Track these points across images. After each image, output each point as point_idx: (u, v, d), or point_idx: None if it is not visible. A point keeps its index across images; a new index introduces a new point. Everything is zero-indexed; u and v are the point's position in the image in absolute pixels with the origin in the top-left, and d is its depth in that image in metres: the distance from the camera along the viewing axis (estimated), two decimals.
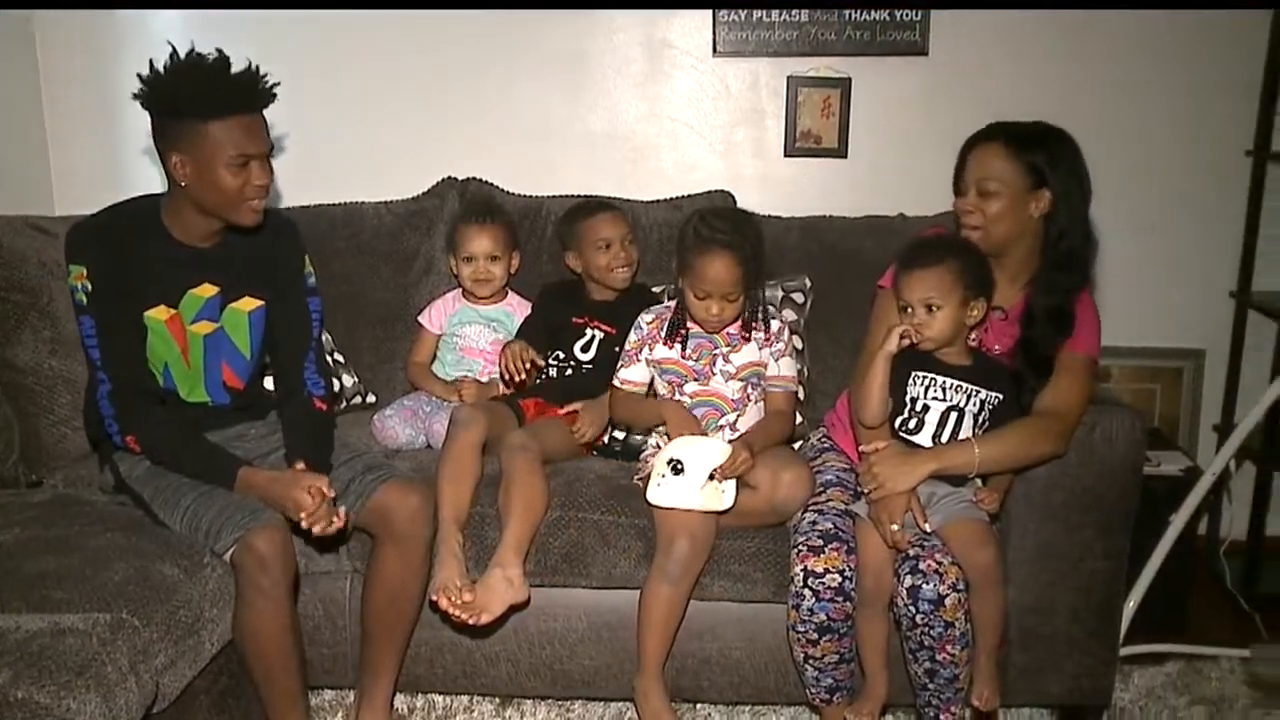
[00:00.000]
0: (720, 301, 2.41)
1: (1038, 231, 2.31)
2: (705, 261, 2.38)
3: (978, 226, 2.30)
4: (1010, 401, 2.28)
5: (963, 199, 2.32)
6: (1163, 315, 3.35)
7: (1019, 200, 2.27)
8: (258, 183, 2.20)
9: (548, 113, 3.26)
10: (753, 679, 2.49)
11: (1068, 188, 2.27)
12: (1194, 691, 2.75)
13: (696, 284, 2.41)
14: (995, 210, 2.28)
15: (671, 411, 2.45)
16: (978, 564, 2.18)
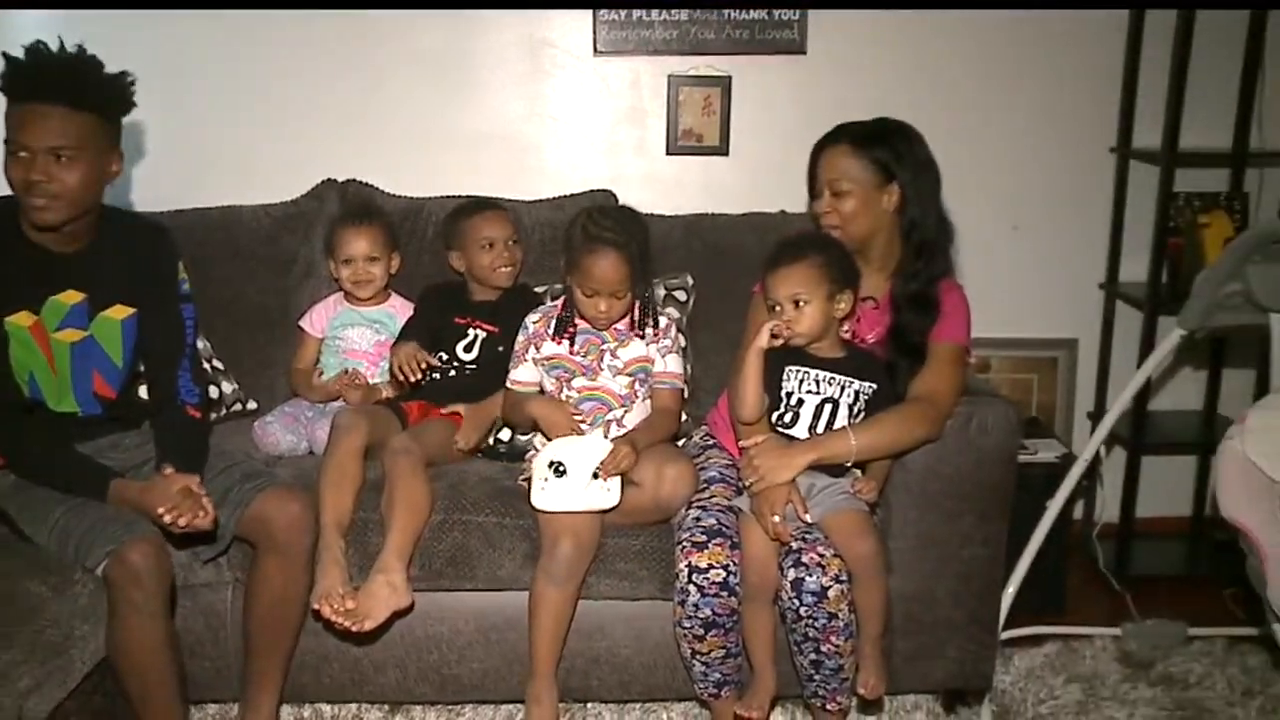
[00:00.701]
0: (608, 299, 2.41)
1: (894, 223, 2.39)
2: (593, 259, 2.38)
3: (836, 226, 2.38)
4: (884, 391, 2.32)
5: (818, 201, 2.41)
6: (1037, 307, 3.44)
7: (871, 196, 2.36)
8: (35, 177, 2.08)
9: (429, 113, 3.22)
10: (642, 676, 2.49)
11: (915, 179, 2.36)
12: (1070, 670, 2.83)
13: (584, 281, 2.40)
14: (850, 209, 2.36)
15: (542, 409, 2.45)
16: (859, 554, 2.20)
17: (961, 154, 2.62)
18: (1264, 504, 2.20)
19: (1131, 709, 2.66)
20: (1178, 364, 3.51)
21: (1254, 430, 2.29)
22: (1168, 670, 2.83)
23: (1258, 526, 2.15)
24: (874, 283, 2.44)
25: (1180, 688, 2.76)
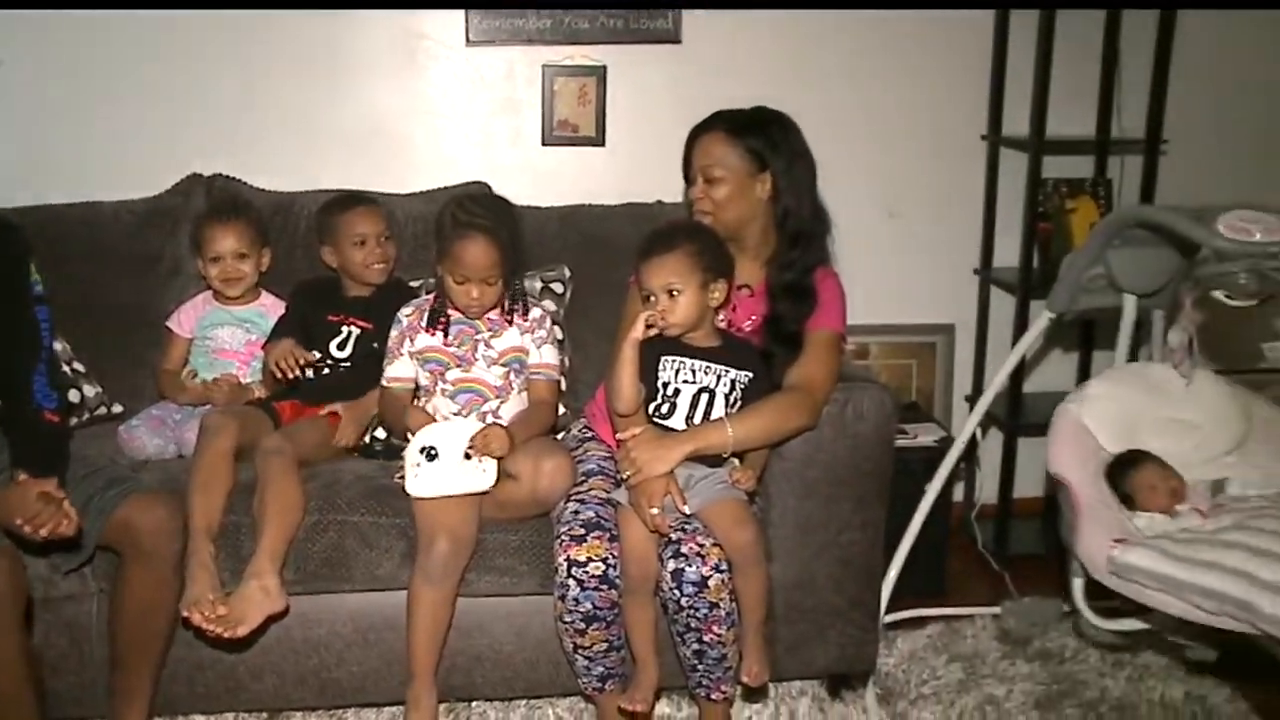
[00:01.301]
0: (479, 285, 2.40)
1: (768, 212, 2.42)
2: (463, 246, 2.37)
3: (708, 212, 2.40)
4: (761, 379, 2.33)
5: (692, 187, 2.43)
6: (915, 293, 3.51)
7: (743, 184, 2.38)
8: None
9: (300, 107, 3.15)
10: (525, 673, 2.48)
11: (789, 169, 2.39)
12: (951, 650, 2.89)
13: (455, 269, 2.39)
14: (722, 195, 2.38)
15: (416, 416, 2.44)
16: (738, 543, 2.22)
17: (837, 142, 2.65)
18: (1090, 465, 2.28)
19: (1010, 685, 2.73)
20: (1050, 346, 3.60)
21: (1092, 398, 2.38)
22: (1045, 645, 2.91)
23: (1079, 482, 2.22)
24: (749, 271, 2.46)
25: (1056, 662, 2.84)
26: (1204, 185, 3.40)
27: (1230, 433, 2.38)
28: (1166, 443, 2.36)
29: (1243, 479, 2.33)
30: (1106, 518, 2.14)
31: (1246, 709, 2.64)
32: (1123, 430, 2.37)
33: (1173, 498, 2.26)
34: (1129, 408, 2.39)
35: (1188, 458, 2.35)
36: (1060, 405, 2.39)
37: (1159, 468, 2.30)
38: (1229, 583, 1.89)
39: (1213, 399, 2.40)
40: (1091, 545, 2.09)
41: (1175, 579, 1.93)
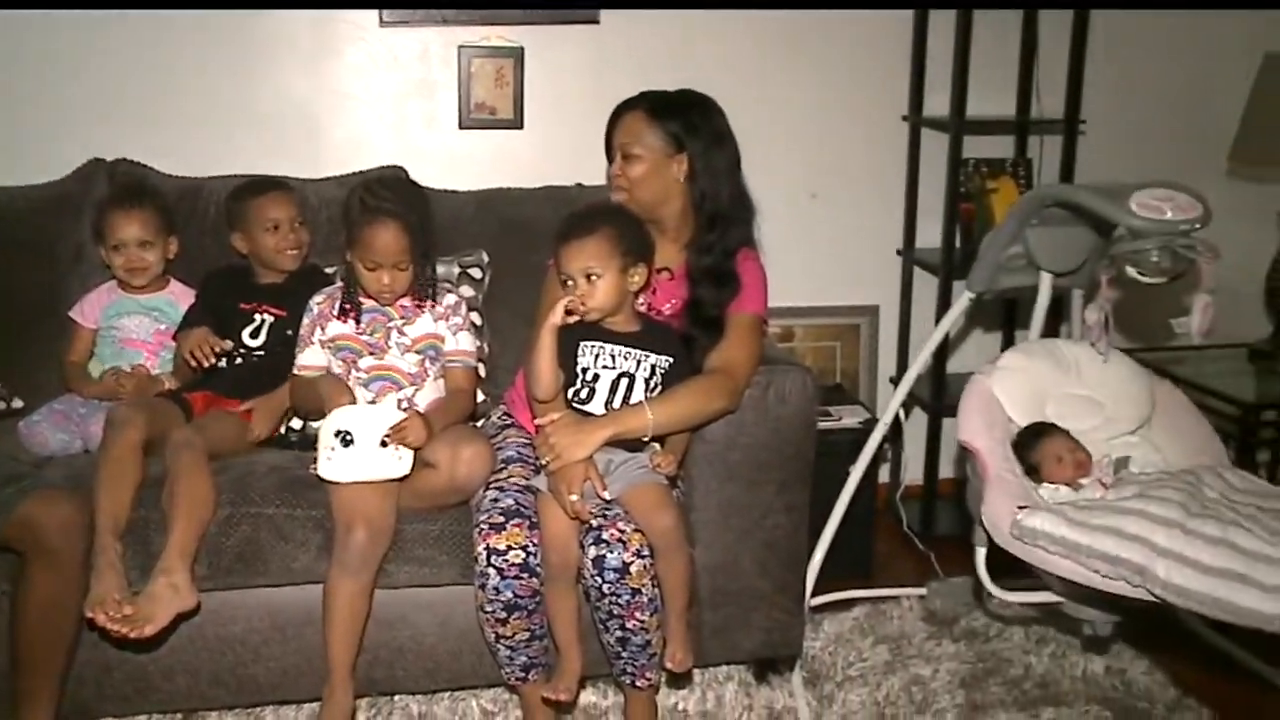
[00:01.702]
0: (391, 271, 2.38)
1: (686, 193, 2.43)
2: (373, 231, 2.35)
3: (625, 189, 2.41)
4: (681, 364, 2.33)
5: (611, 165, 2.44)
6: (838, 275, 3.53)
7: (660, 164, 2.39)
8: None
9: (209, 89, 3.09)
10: (448, 664, 2.46)
11: (706, 151, 2.40)
12: (878, 632, 2.92)
13: (365, 255, 2.37)
14: (638, 174, 2.39)
15: (326, 384, 2.41)
16: (659, 528, 2.21)
17: (759, 124, 2.66)
18: (997, 433, 2.31)
19: (936, 665, 2.77)
20: (972, 326, 3.65)
21: (1005, 369, 2.42)
22: (970, 625, 2.96)
23: (986, 450, 2.25)
24: (669, 254, 2.46)
25: (981, 640, 2.89)
26: (1122, 164, 3.47)
27: (1134, 413, 2.42)
28: (1072, 419, 2.40)
29: (1144, 459, 2.38)
30: (1012, 485, 2.17)
31: (1164, 680, 2.70)
32: (1030, 403, 2.41)
33: (1078, 470, 2.30)
34: (1038, 382, 2.42)
35: (1092, 435, 2.39)
36: (972, 375, 2.42)
37: (1066, 440, 2.34)
38: (1127, 548, 1.93)
39: (1120, 379, 2.44)
40: (997, 510, 2.12)
41: (1076, 543, 1.97)
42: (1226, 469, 2.27)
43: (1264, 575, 1.84)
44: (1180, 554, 1.90)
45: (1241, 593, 1.84)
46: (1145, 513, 1.97)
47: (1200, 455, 2.35)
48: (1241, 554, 1.88)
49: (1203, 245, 2.22)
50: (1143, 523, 1.94)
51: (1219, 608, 1.85)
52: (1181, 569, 1.89)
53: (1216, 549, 1.89)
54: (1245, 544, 1.89)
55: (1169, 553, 1.90)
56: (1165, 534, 1.92)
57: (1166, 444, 2.40)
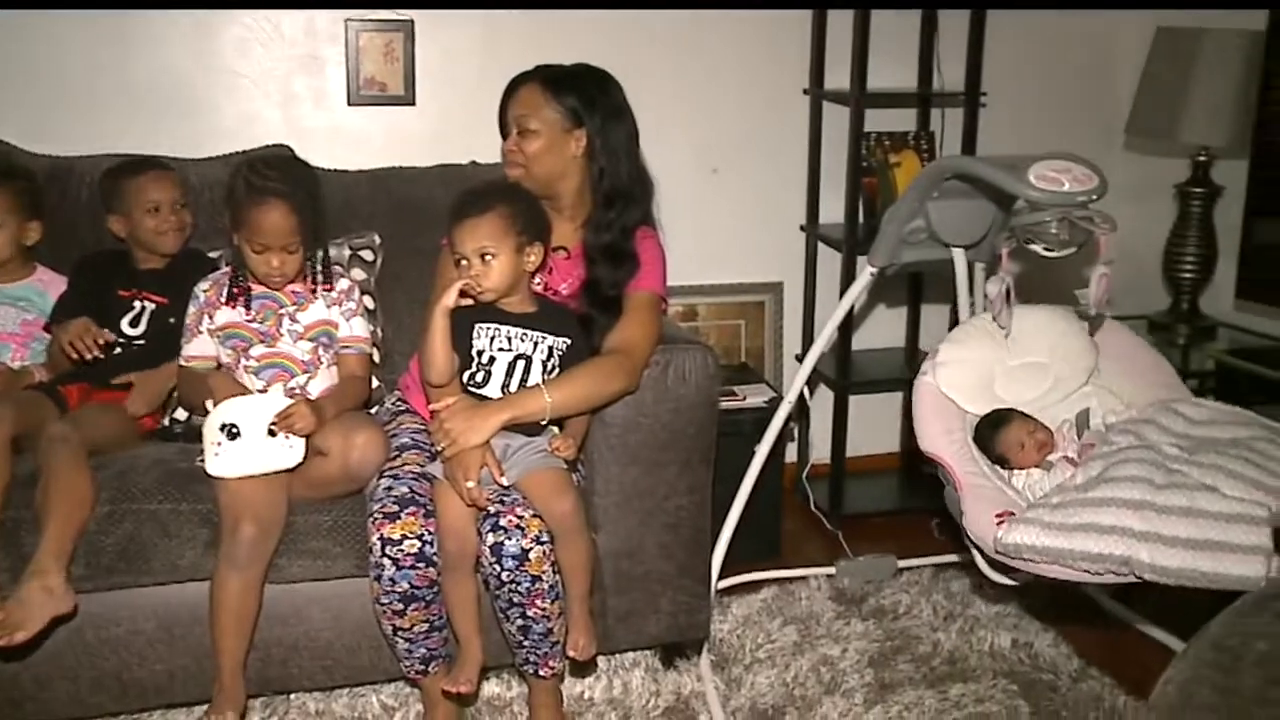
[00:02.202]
0: (280, 254, 2.32)
1: (583, 170, 2.41)
2: (260, 212, 2.29)
3: (520, 165, 2.39)
4: (579, 345, 2.31)
5: (506, 140, 2.41)
6: (742, 251, 3.53)
7: (557, 139, 2.38)
8: None
9: (87, 66, 2.97)
10: (345, 660, 2.41)
11: (605, 127, 2.39)
12: (786, 613, 2.93)
13: (253, 237, 2.30)
14: (534, 149, 2.37)
15: (214, 378, 2.35)
16: (558, 513, 2.19)
17: (658, 99, 2.64)
18: (957, 434, 2.33)
19: (845, 644, 2.78)
20: (878, 302, 3.68)
21: (944, 363, 2.43)
22: (879, 603, 2.98)
23: (953, 457, 2.27)
24: (565, 232, 2.44)
25: (890, 618, 2.91)
26: (1023, 137, 3.52)
27: (1081, 365, 2.46)
28: (1024, 390, 2.43)
29: (1103, 405, 2.42)
30: (987, 492, 2.19)
31: (1069, 651, 2.75)
32: (980, 388, 2.43)
33: (1041, 450, 2.34)
34: (981, 365, 2.44)
35: (1047, 399, 2.43)
36: (916, 380, 2.43)
37: (1023, 423, 2.37)
38: (1107, 542, 1.96)
39: (1055, 335, 2.47)
40: (979, 525, 2.14)
41: (1058, 549, 1.99)
42: (1182, 402, 2.32)
43: (1239, 536, 1.89)
44: (1158, 534, 1.94)
45: (1222, 560, 1.89)
46: (1115, 499, 2.00)
47: (1156, 389, 2.41)
48: (1214, 519, 1.93)
49: (1100, 217, 2.26)
50: (1115, 511, 1.98)
51: (1206, 580, 1.90)
52: (1162, 549, 1.93)
53: (1189, 520, 1.94)
54: (1215, 508, 1.94)
55: (1147, 535, 1.94)
56: (1139, 518, 1.96)
57: (1121, 385, 2.45)
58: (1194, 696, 1.02)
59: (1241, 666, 1.03)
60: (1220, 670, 1.04)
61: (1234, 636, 1.08)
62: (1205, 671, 1.05)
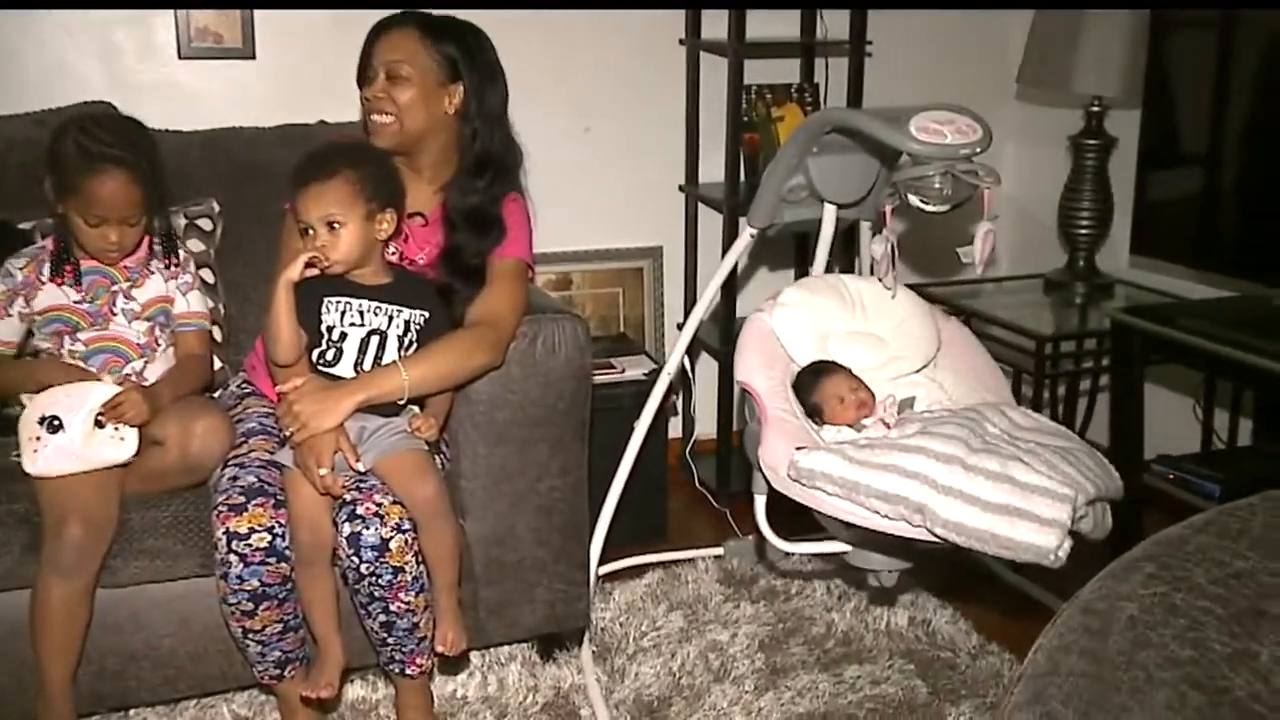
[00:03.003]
0: (119, 227, 2.27)
1: (452, 130, 2.40)
2: (97, 181, 2.22)
3: (390, 114, 2.34)
4: (439, 318, 2.31)
5: (370, 86, 2.36)
6: (617, 215, 3.56)
7: (432, 91, 2.36)
8: None
9: None
10: (191, 668, 2.37)
11: (482, 85, 2.39)
12: (672, 597, 2.97)
13: (87, 208, 2.24)
14: (407, 99, 2.34)
15: (45, 370, 2.29)
16: (420, 498, 2.19)
17: (524, 51, 2.63)
18: (776, 373, 2.38)
19: (734, 629, 2.84)
20: (760, 265, 3.74)
21: (785, 306, 2.49)
22: (770, 584, 3.04)
23: (766, 391, 2.32)
24: (423, 196, 2.42)
25: (782, 599, 2.98)
26: (911, 88, 3.59)
27: (920, 351, 2.53)
28: (855, 357, 2.48)
29: (929, 398, 2.49)
30: (791, 426, 2.23)
31: (968, 627, 2.84)
32: (812, 341, 2.48)
33: (860, 410, 2.38)
34: (820, 319, 2.50)
35: (876, 374, 2.48)
36: (751, 314, 2.48)
37: (848, 379, 2.41)
38: (907, 485, 2.01)
39: (905, 316, 2.54)
40: (774, 453, 2.18)
41: (855, 481, 2.04)
42: (1011, 407, 2.39)
43: (1040, 508, 1.95)
44: (960, 490, 1.99)
45: (1017, 527, 1.94)
46: (926, 449, 2.05)
47: (986, 394, 2.47)
48: (1019, 488, 1.98)
49: (984, 170, 2.32)
50: (924, 460, 2.03)
51: (997, 544, 1.95)
52: (961, 505, 1.98)
53: (996, 484, 1.99)
54: (1024, 478, 1.99)
55: (949, 490, 1.99)
56: (946, 470, 2.01)
57: (952, 383, 2.51)
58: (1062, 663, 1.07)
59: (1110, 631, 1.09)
60: (1089, 634, 1.10)
61: (1104, 600, 1.13)
62: (1074, 637, 1.10)
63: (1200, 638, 1.08)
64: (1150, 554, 1.22)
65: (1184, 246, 3.11)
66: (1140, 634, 1.08)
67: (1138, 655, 1.06)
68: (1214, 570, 1.17)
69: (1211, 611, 1.11)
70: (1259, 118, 2.90)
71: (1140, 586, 1.13)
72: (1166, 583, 1.15)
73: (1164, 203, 3.13)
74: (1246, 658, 1.07)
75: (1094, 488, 2.08)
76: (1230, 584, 1.15)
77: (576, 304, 3.50)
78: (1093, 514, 2.10)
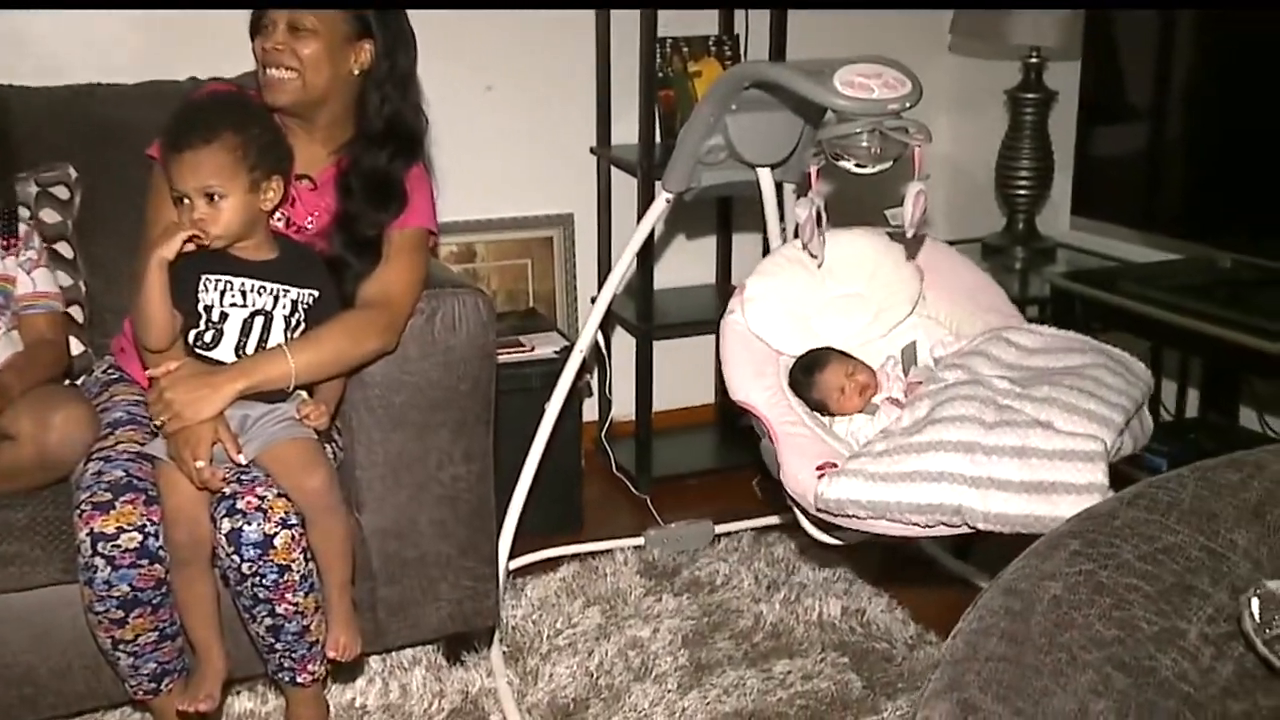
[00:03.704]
0: None
1: (355, 91, 2.39)
2: None
3: (292, 69, 2.30)
4: (329, 297, 2.30)
5: (266, 38, 2.31)
6: (525, 180, 3.56)
7: (338, 47, 2.33)
8: None
9: None
10: (53, 685, 2.33)
11: (393, 44, 2.38)
12: (589, 592, 2.99)
13: None
14: (310, 52, 2.30)
15: None
16: (308, 490, 2.18)
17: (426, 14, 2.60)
18: (770, 379, 2.40)
19: (656, 624, 2.86)
20: (681, 233, 3.76)
21: (753, 299, 2.50)
22: (694, 575, 3.08)
23: (767, 405, 2.34)
24: (313, 157, 2.40)
25: (707, 591, 3.01)
26: (840, 40, 3.63)
27: (904, 295, 2.55)
28: (844, 324, 2.51)
29: (929, 336, 2.52)
30: (805, 443, 2.26)
31: (905, 616, 2.89)
32: (795, 326, 2.50)
33: (864, 394, 2.42)
34: (793, 300, 2.51)
35: (869, 333, 2.52)
36: (722, 320, 2.48)
37: (841, 364, 2.44)
38: (936, 491, 2.04)
39: (873, 264, 2.55)
40: (799, 480, 2.20)
41: (884, 503, 2.07)
42: (1015, 329, 2.43)
43: (1073, 475, 1.99)
44: (990, 478, 2.03)
45: (1059, 502, 1.99)
46: (941, 443, 2.08)
47: (986, 314, 2.52)
48: (1046, 459, 2.03)
49: (914, 127, 2.33)
50: (942, 456, 2.06)
51: (1043, 525, 1.98)
52: (996, 494, 2.02)
53: (1022, 461, 2.03)
54: (1047, 445, 2.04)
55: (979, 480, 2.03)
56: (969, 461, 2.04)
57: (948, 311, 2.56)
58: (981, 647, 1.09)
59: (1032, 612, 1.11)
60: (1010, 616, 1.12)
61: (1026, 580, 1.16)
62: (994, 619, 1.13)
63: (1126, 616, 1.11)
64: (1076, 530, 1.25)
65: (1128, 207, 3.17)
66: (1064, 614, 1.11)
67: (1060, 636, 1.08)
68: (1142, 546, 1.20)
69: (1138, 589, 1.14)
70: (1207, 67, 2.95)
71: (1065, 564, 1.16)
72: (1092, 560, 1.18)
73: (1107, 160, 3.18)
74: (1174, 636, 1.10)
75: (1122, 413, 2.13)
76: (1159, 559, 1.18)
77: (481, 278, 3.49)
78: (1129, 432, 2.15)
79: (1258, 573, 1.21)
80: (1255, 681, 1.13)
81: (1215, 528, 1.25)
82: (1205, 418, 3.26)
